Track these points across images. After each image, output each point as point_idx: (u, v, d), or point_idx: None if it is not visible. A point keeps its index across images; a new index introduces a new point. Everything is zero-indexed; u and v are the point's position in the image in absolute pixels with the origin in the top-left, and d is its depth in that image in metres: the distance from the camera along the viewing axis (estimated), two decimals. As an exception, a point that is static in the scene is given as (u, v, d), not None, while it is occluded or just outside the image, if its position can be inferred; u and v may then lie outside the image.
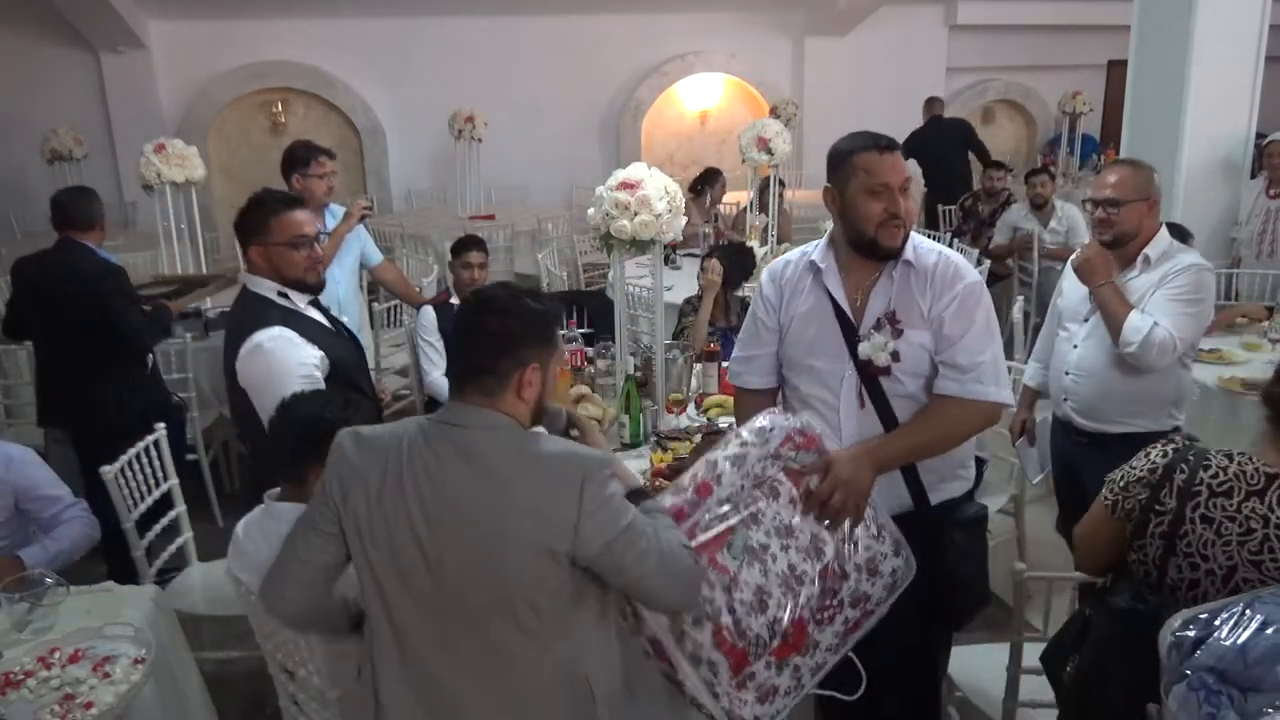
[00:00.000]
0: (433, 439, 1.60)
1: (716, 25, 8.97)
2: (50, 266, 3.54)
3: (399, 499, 1.58)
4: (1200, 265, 2.76)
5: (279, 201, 2.53)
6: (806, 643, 1.87)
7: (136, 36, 7.57)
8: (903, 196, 2.07)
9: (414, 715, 1.66)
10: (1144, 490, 1.67)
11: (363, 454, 1.62)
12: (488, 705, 1.63)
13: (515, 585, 1.57)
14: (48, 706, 1.92)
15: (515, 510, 1.55)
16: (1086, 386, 2.87)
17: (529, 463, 1.58)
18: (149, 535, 2.95)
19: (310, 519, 1.67)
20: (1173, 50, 4.70)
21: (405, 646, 1.64)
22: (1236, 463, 1.62)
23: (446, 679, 1.63)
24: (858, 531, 1.93)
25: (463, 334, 1.66)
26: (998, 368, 2.07)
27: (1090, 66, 10.22)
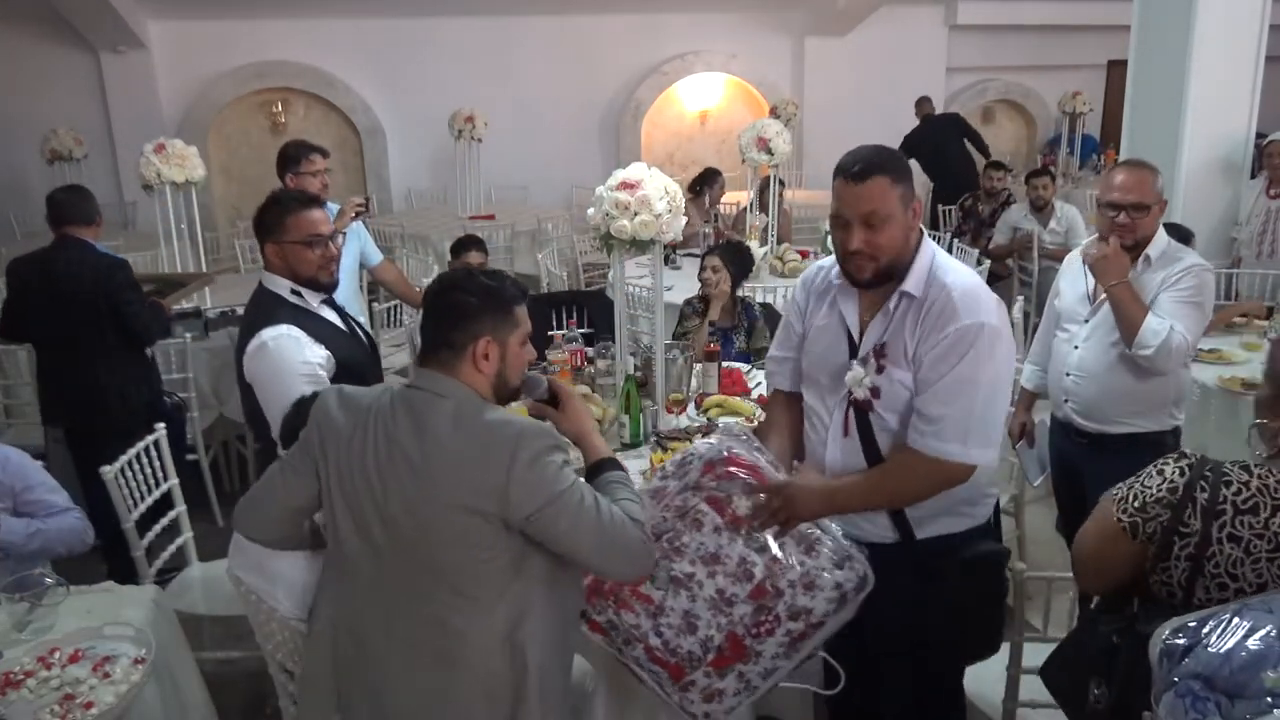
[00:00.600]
0: (395, 401, 1.72)
1: (716, 25, 8.97)
2: (57, 263, 3.54)
3: (362, 454, 1.70)
4: (1202, 266, 2.76)
5: (295, 200, 2.59)
6: (747, 653, 1.91)
7: (136, 36, 7.57)
8: (869, 229, 1.89)
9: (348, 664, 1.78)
10: (1165, 511, 1.58)
11: (342, 409, 1.75)
12: (425, 661, 1.71)
13: (449, 544, 1.67)
14: (48, 706, 1.92)
15: (447, 471, 1.64)
16: (1088, 387, 2.86)
17: (467, 426, 1.67)
18: (149, 535, 2.95)
19: (289, 461, 1.82)
20: (1173, 50, 4.71)
21: (353, 594, 1.77)
22: (1258, 477, 1.55)
23: (388, 631, 1.73)
24: (788, 549, 1.92)
25: (426, 311, 1.79)
26: (968, 424, 1.87)
27: (1090, 66, 10.22)
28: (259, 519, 1.86)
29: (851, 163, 1.91)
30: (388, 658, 1.74)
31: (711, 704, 1.94)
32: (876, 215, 1.89)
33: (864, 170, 1.89)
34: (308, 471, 1.77)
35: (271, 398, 2.38)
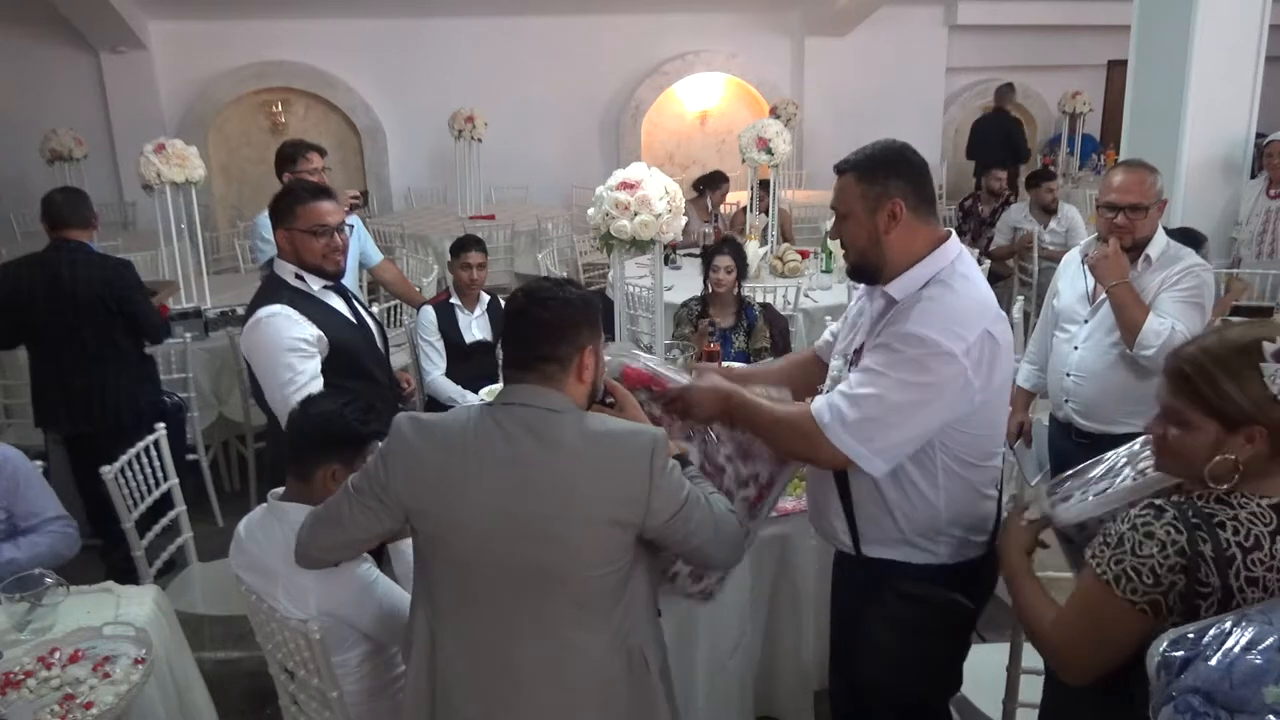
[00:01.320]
0: (501, 420, 1.65)
1: (716, 25, 8.97)
2: (61, 266, 3.52)
3: (474, 480, 1.62)
4: (1202, 265, 2.76)
5: (307, 191, 2.73)
6: None
7: (136, 36, 7.57)
8: (839, 222, 1.94)
9: (472, 691, 1.70)
10: (1180, 576, 1.44)
11: (423, 437, 1.67)
12: (545, 681, 1.67)
13: (582, 558, 1.63)
14: (48, 706, 1.92)
15: (588, 484, 1.61)
16: (1088, 388, 2.86)
17: (598, 438, 1.63)
18: (149, 535, 2.95)
19: (358, 492, 1.73)
20: (1173, 50, 4.71)
21: (467, 621, 1.69)
22: (1242, 507, 1.46)
23: (505, 654, 1.67)
24: (715, 430, 1.97)
25: (519, 324, 1.70)
26: (862, 415, 1.77)
27: (1090, 66, 10.23)
28: (325, 551, 1.85)
29: (842, 159, 1.94)
30: (504, 682, 1.68)
31: (703, 581, 2.00)
32: (839, 211, 1.94)
33: (839, 166, 1.93)
34: (375, 501, 1.70)
35: (262, 370, 2.59)
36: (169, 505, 3.10)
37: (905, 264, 1.88)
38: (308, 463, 2.08)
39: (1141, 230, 2.74)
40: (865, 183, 1.88)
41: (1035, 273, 6.01)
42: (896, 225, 1.86)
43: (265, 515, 2.11)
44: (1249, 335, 1.47)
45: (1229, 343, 1.48)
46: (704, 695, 2.63)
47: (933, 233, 1.90)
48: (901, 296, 1.86)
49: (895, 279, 1.88)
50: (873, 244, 1.89)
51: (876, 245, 1.89)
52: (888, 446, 1.80)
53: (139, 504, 2.93)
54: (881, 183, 1.86)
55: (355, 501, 1.73)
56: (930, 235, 1.90)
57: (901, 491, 1.91)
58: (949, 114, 10.15)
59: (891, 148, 1.91)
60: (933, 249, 1.88)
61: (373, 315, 2.95)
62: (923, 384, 1.77)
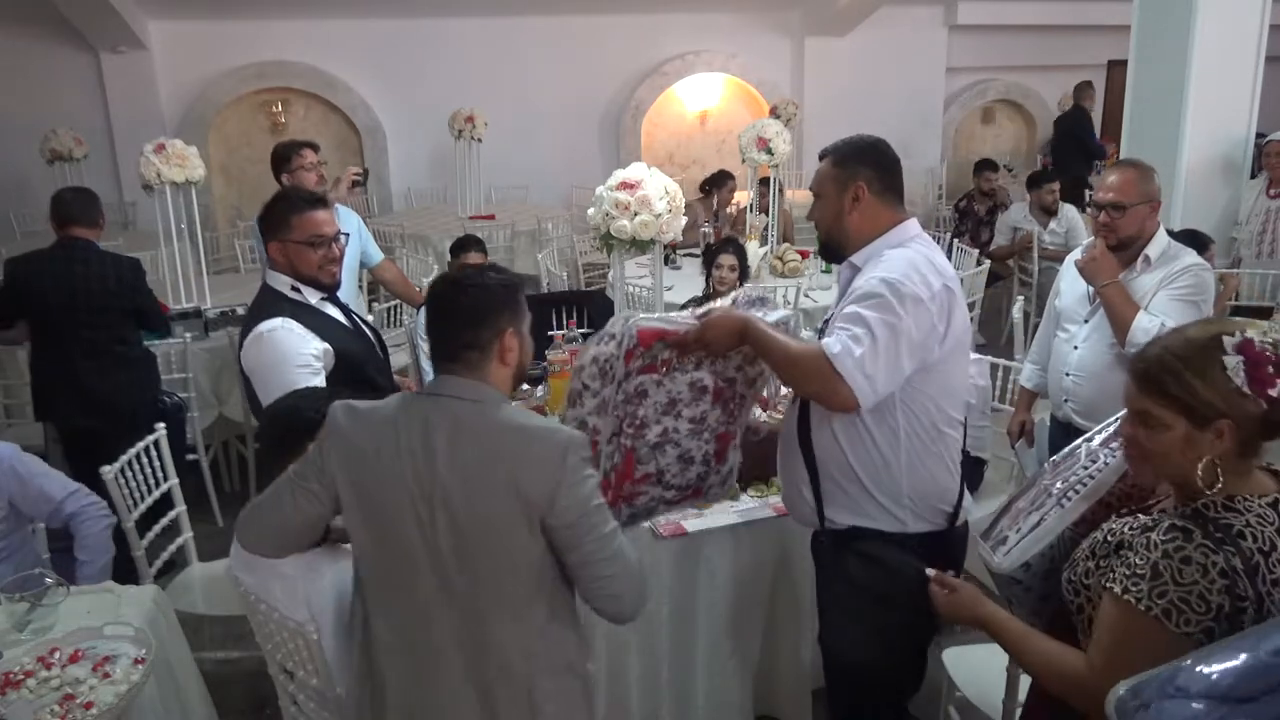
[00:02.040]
0: (426, 411, 1.67)
1: (716, 25, 8.97)
2: (73, 263, 3.58)
3: (394, 468, 1.65)
4: (1201, 265, 2.77)
5: (302, 200, 2.61)
6: (734, 433, 2.17)
7: (136, 36, 7.57)
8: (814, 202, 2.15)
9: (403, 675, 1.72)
10: (1225, 597, 1.42)
11: (355, 423, 1.70)
12: (465, 669, 1.68)
13: (498, 553, 1.65)
14: (48, 706, 1.92)
15: (500, 478, 1.62)
16: (1088, 387, 2.86)
17: (514, 434, 1.65)
18: (149, 535, 2.95)
19: (299, 476, 1.75)
20: (1173, 50, 4.71)
21: (395, 606, 1.72)
22: (1249, 510, 1.46)
23: (428, 640, 1.69)
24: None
25: (440, 313, 1.73)
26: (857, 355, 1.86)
27: (1090, 66, 10.22)
28: (264, 534, 1.84)
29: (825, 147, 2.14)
30: (428, 667, 1.70)
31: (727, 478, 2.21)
32: (815, 192, 2.14)
33: (821, 153, 2.14)
34: (315, 484, 1.73)
35: (268, 389, 2.40)
36: (169, 505, 3.10)
37: (867, 237, 2.06)
38: (280, 461, 2.07)
39: (1124, 229, 2.76)
40: (838, 166, 2.08)
41: (1035, 273, 6.01)
42: (859, 206, 2.06)
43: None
44: (1209, 331, 1.50)
45: (1190, 339, 1.51)
46: (704, 695, 2.63)
47: (895, 216, 2.08)
48: (864, 263, 2.04)
49: (859, 251, 2.06)
50: (836, 221, 2.09)
51: (840, 222, 2.08)
52: (880, 381, 1.90)
53: (139, 504, 2.93)
54: (851, 167, 2.06)
55: (296, 485, 1.75)
56: (892, 218, 2.07)
57: (865, 454, 2.02)
58: (949, 114, 10.15)
59: (866, 139, 2.13)
60: (893, 226, 2.06)
61: (368, 323, 2.88)
62: (898, 321, 1.89)
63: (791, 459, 2.14)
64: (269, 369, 2.43)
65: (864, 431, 2.01)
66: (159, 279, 5.20)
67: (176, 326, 4.42)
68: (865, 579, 2.05)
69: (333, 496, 1.72)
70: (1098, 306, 2.83)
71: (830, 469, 2.06)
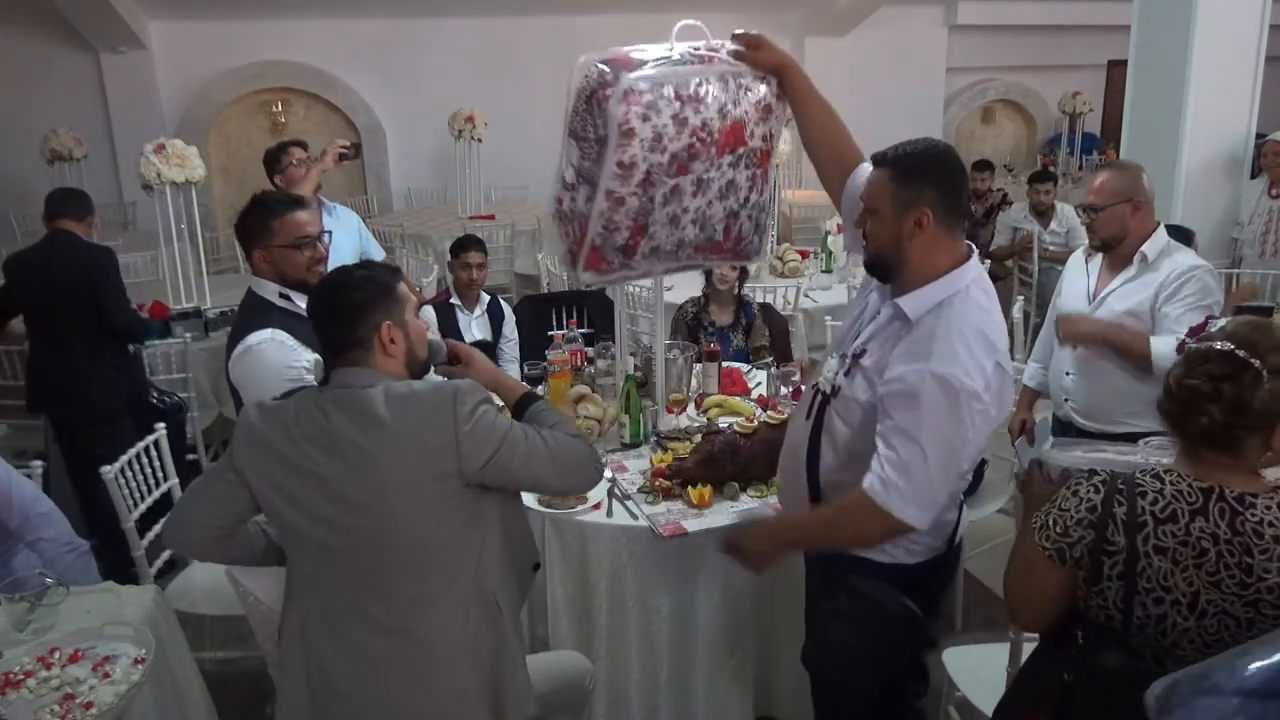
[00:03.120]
0: (322, 403, 1.72)
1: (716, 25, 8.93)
2: (49, 251, 3.67)
3: (300, 462, 1.70)
4: (1203, 269, 2.75)
5: (280, 203, 2.50)
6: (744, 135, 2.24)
7: (136, 36, 7.57)
8: (867, 215, 1.91)
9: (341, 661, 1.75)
10: (1088, 531, 1.55)
11: (266, 420, 1.75)
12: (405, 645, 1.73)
13: (413, 522, 1.70)
14: (48, 706, 1.92)
15: (399, 446, 1.67)
16: (1086, 387, 2.87)
17: (403, 400, 1.70)
18: (149, 535, 2.95)
19: (217, 472, 1.81)
20: (1173, 50, 4.71)
21: (323, 596, 1.77)
22: (1169, 484, 1.54)
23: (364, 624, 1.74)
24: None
25: (318, 317, 1.81)
26: (912, 482, 1.77)
27: (1090, 66, 10.23)
28: (185, 529, 1.86)
29: (881, 151, 1.91)
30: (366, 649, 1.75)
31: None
32: (867, 204, 1.91)
33: (877, 157, 1.91)
34: (231, 477, 1.77)
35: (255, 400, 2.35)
36: (169, 505, 3.10)
37: (922, 275, 1.86)
38: None
39: (1102, 229, 2.79)
40: (898, 184, 1.85)
41: (1035, 273, 6.01)
42: (921, 233, 1.84)
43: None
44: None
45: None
46: (704, 695, 2.63)
47: (955, 248, 1.88)
48: (915, 315, 1.84)
49: (910, 292, 1.86)
50: (894, 246, 1.87)
51: (898, 248, 1.87)
52: (937, 497, 1.82)
53: (139, 504, 2.93)
54: (915, 188, 1.83)
55: (215, 477, 1.81)
56: (952, 251, 1.88)
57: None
58: (949, 114, 10.16)
59: (933, 150, 1.89)
60: (952, 267, 1.86)
61: None
62: (958, 430, 1.77)
63: (794, 475, 2.08)
64: (256, 382, 2.34)
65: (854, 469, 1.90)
66: (159, 279, 5.21)
67: (176, 327, 4.42)
68: (857, 614, 1.93)
69: (243, 490, 1.76)
70: (1097, 306, 2.84)
71: (833, 495, 1.98)
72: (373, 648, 1.74)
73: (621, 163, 2.02)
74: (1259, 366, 1.49)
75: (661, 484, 2.65)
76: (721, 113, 2.09)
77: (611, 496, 2.64)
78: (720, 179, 2.13)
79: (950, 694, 2.56)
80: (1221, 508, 1.50)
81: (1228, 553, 1.49)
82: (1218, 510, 1.50)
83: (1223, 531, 1.49)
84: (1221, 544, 1.49)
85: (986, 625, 3.33)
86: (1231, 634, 1.50)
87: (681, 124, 2.02)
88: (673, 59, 2.06)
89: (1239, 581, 1.49)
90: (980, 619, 3.41)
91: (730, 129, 2.09)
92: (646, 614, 2.53)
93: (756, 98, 2.14)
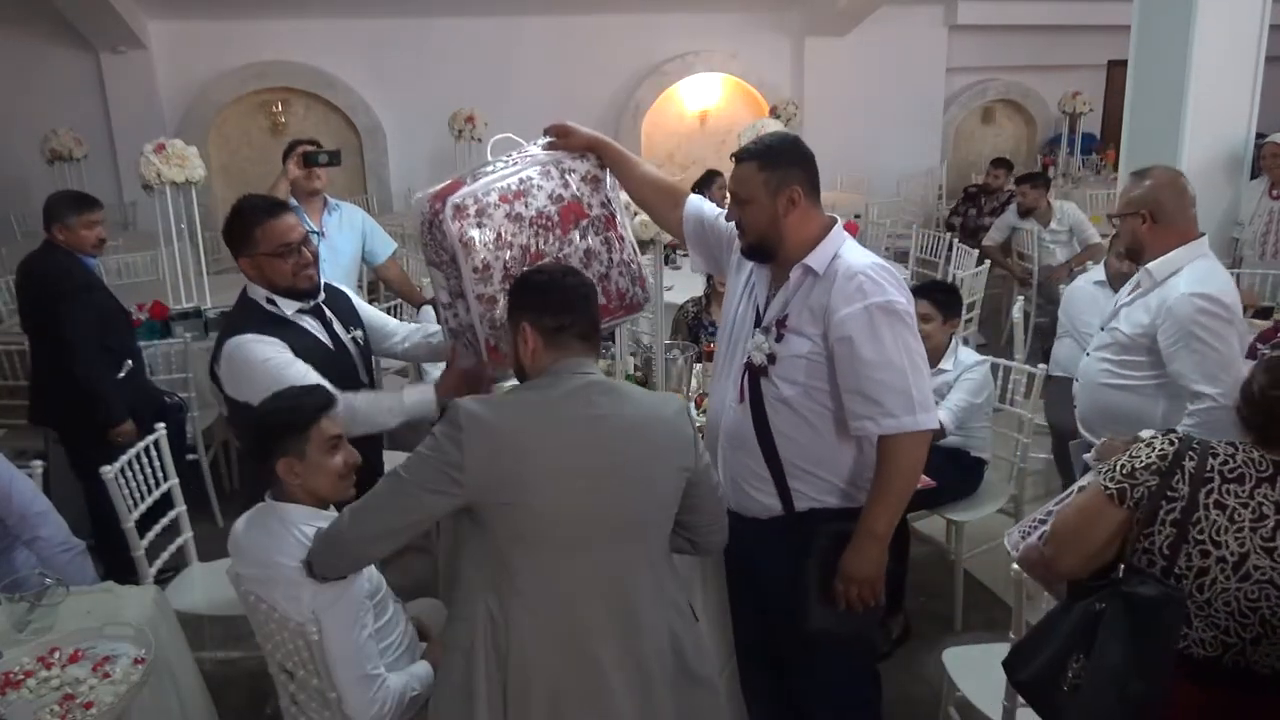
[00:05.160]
0: (574, 391, 1.78)
1: (716, 25, 8.96)
2: (34, 262, 3.63)
3: (559, 447, 1.74)
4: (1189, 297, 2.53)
5: (259, 210, 2.46)
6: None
7: (136, 36, 7.57)
8: (737, 207, 2.13)
9: (550, 645, 1.75)
10: (1154, 477, 1.62)
11: (500, 416, 1.75)
12: (617, 628, 1.78)
13: (661, 504, 1.84)
14: (48, 706, 1.92)
15: (663, 432, 1.81)
16: (1084, 395, 2.87)
17: (648, 394, 1.88)
18: (149, 535, 2.95)
19: (422, 482, 1.74)
20: (1173, 50, 4.70)
21: (544, 583, 1.76)
22: (1243, 450, 1.61)
23: (583, 608, 1.77)
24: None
25: (579, 298, 1.85)
26: (909, 395, 1.98)
27: (1090, 66, 10.22)
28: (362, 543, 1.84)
29: (741, 149, 2.15)
30: (588, 646, 1.77)
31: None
32: (739, 196, 2.12)
33: (739, 154, 2.14)
34: (448, 484, 1.72)
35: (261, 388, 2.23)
36: (169, 505, 3.10)
37: (803, 246, 2.09)
38: (265, 464, 2.08)
39: (1121, 239, 2.80)
40: (767, 170, 2.08)
41: (1035, 272, 6.02)
42: (795, 209, 2.08)
43: (261, 514, 2.10)
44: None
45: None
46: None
47: (823, 219, 2.13)
48: (821, 268, 2.06)
49: (809, 254, 2.08)
50: (772, 226, 2.09)
51: (775, 227, 2.09)
52: (930, 398, 2.05)
53: (139, 504, 2.93)
54: (783, 170, 2.07)
55: (419, 489, 1.74)
56: (821, 221, 2.13)
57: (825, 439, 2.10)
58: (949, 114, 10.15)
59: (788, 139, 2.16)
60: (824, 234, 2.11)
61: (355, 339, 2.63)
62: (913, 341, 2.02)
63: (743, 456, 2.18)
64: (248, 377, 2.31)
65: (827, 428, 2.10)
66: (159, 279, 5.21)
67: (176, 326, 4.42)
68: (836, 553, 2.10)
69: (467, 495, 1.74)
70: (1111, 317, 2.81)
71: (795, 464, 2.13)
72: (591, 625, 1.77)
73: (476, 267, 2.18)
74: None
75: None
76: (553, 198, 2.29)
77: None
78: (576, 252, 2.31)
79: (950, 694, 2.56)
80: None
81: None
82: None
83: None
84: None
85: (986, 625, 3.33)
86: (1270, 605, 1.56)
87: (517, 220, 2.24)
88: (489, 171, 2.27)
89: None
90: (980, 619, 3.41)
91: (567, 208, 2.30)
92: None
93: (581, 174, 2.35)
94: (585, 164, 2.36)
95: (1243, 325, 2.64)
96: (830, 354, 2.03)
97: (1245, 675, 1.64)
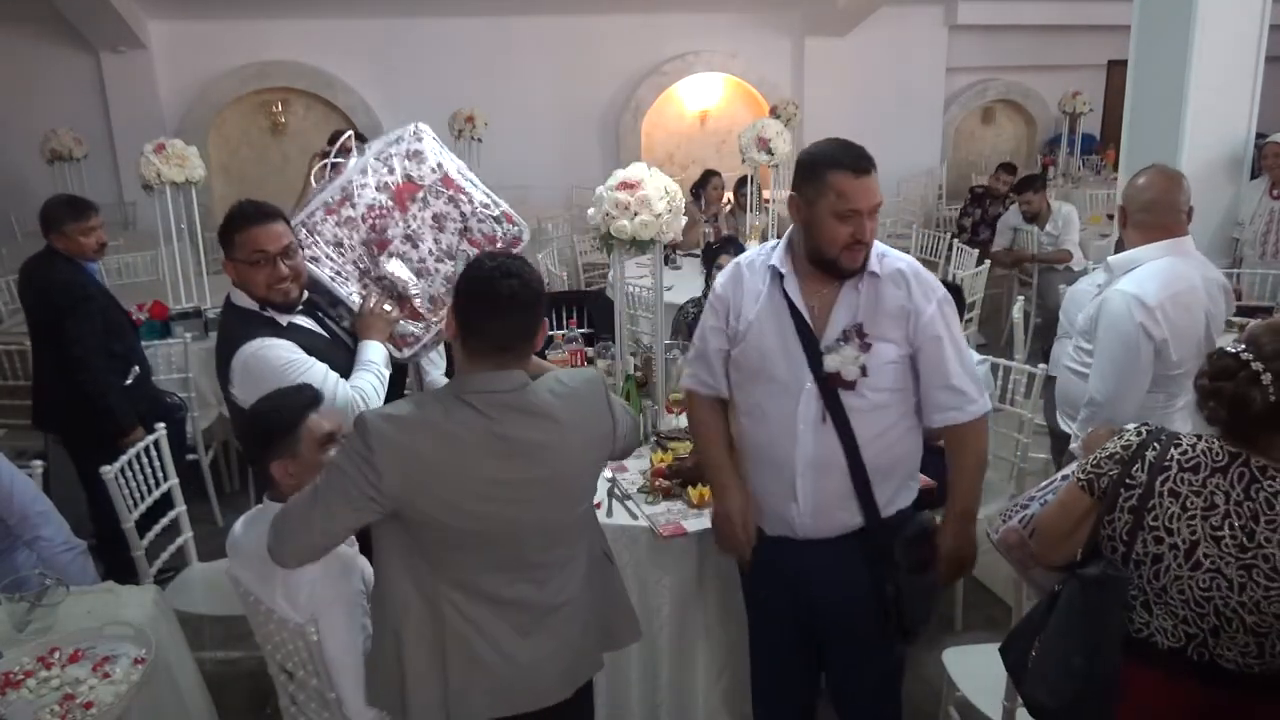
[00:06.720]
0: (486, 408, 1.73)
1: (716, 25, 8.97)
2: (35, 269, 3.63)
3: (466, 465, 1.72)
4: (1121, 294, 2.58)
5: (243, 215, 2.40)
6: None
7: (136, 36, 7.57)
8: (871, 219, 2.01)
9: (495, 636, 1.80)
10: (1116, 466, 1.70)
11: (404, 432, 1.71)
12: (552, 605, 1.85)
13: (582, 502, 1.89)
14: (48, 706, 1.92)
15: (580, 443, 1.82)
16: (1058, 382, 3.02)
17: (569, 401, 1.82)
18: (149, 535, 2.95)
19: (340, 492, 1.72)
20: (1173, 50, 4.70)
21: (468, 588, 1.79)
22: (1205, 441, 1.66)
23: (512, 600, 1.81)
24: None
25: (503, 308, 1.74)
26: (978, 381, 2.13)
27: (1090, 66, 10.22)
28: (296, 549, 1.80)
29: (855, 157, 2.02)
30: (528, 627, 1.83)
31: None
32: (877, 208, 2.05)
33: (869, 163, 2.03)
34: (363, 497, 1.70)
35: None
36: (169, 505, 3.10)
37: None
38: (261, 465, 2.08)
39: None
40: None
41: (1035, 272, 6.02)
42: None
43: (259, 515, 2.10)
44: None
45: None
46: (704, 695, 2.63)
47: None
48: (880, 270, 2.07)
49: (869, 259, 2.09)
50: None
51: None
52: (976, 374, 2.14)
53: (139, 504, 2.93)
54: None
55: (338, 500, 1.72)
56: None
57: (906, 440, 2.13)
58: (949, 114, 10.15)
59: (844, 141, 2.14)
60: None
61: (344, 329, 2.59)
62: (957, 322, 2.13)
63: (830, 480, 2.09)
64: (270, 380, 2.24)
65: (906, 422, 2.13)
66: (159, 279, 5.21)
67: (176, 327, 4.42)
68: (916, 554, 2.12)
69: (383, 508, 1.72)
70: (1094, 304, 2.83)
71: (880, 468, 2.10)
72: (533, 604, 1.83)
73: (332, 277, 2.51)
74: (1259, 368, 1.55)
75: (662, 484, 2.66)
76: (380, 187, 2.53)
77: (611, 496, 2.65)
78: (424, 220, 2.53)
79: (950, 694, 2.56)
80: (1242, 472, 1.61)
81: (1235, 513, 1.59)
82: (1238, 473, 1.61)
83: (1236, 493, 1.60)
84: (1232, 503, 1.60)
85: (986, 625, 3.34)
86: (1222, 595, 1.60)
87: (349, 222, 2.47)
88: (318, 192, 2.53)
89: (1239, 544, 1.58)
90: (980, 619, 3.41)
91: (400, 189, 2.52)
92: (647, 614, 2.53)
93: (403, 153, 2.56)
94: (403, 145, 2.55)
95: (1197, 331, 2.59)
96: (914, 353, 2.06)
97: (1211, 669, 1.66)
